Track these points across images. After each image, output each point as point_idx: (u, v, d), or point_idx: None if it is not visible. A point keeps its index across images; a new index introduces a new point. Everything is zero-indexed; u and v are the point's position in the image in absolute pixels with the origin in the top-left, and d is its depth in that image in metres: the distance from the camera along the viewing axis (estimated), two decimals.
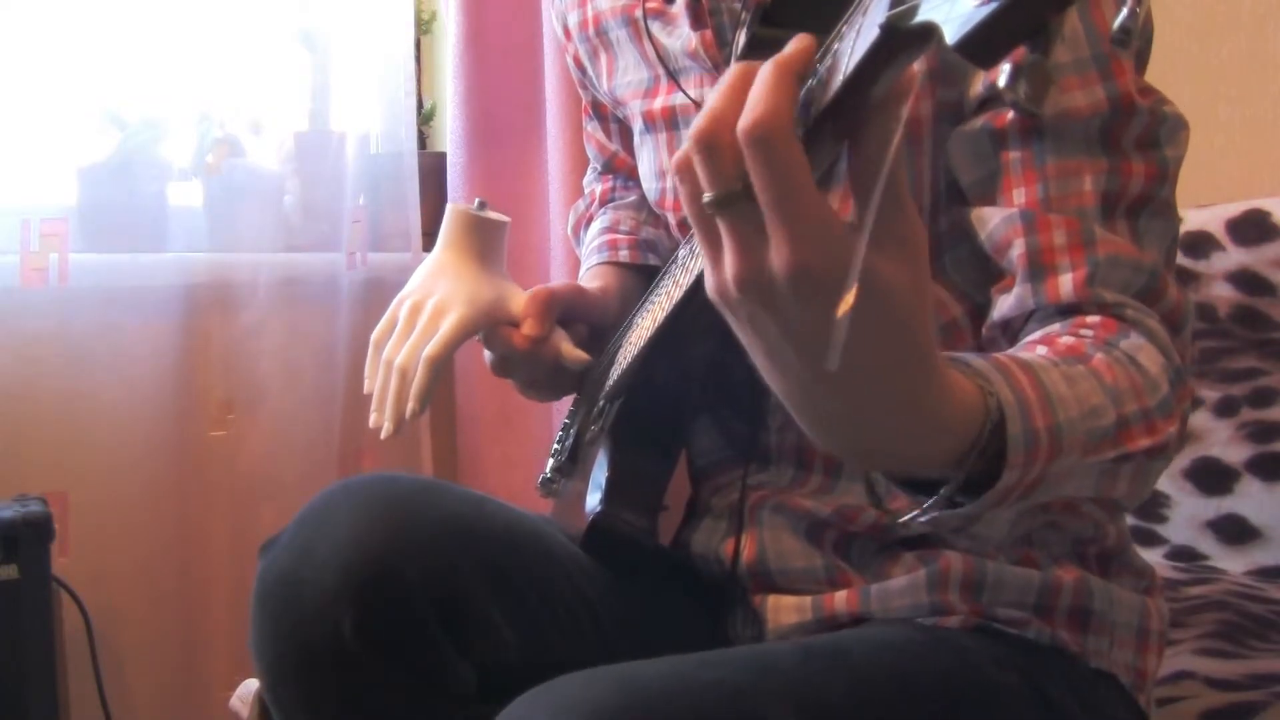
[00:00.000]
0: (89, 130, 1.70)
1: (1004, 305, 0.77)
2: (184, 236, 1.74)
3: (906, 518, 0.60)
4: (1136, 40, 0.77)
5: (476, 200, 1.04)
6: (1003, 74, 0.38)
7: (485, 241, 1.02)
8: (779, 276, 0.47)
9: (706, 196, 0.48)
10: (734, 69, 0.49)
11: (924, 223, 0.53)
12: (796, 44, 0.48)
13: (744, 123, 0.45)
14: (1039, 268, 0.75)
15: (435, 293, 0.98)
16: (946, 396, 0.54)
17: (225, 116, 1.79)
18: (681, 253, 0.89)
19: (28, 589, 1.36)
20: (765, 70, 0.47)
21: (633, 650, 0.88)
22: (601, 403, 0.98)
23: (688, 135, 0.49)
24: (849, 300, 0.43)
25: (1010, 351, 0.72)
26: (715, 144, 0.47)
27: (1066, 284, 0.73)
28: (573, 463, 1.03)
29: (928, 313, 0.50)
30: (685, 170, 0.50)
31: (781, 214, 0.46)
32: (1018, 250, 0.75)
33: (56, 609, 1.46)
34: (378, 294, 1.81)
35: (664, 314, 0.86)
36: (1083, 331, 0.71)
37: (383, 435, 0.95)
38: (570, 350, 0.98)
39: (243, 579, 1.65)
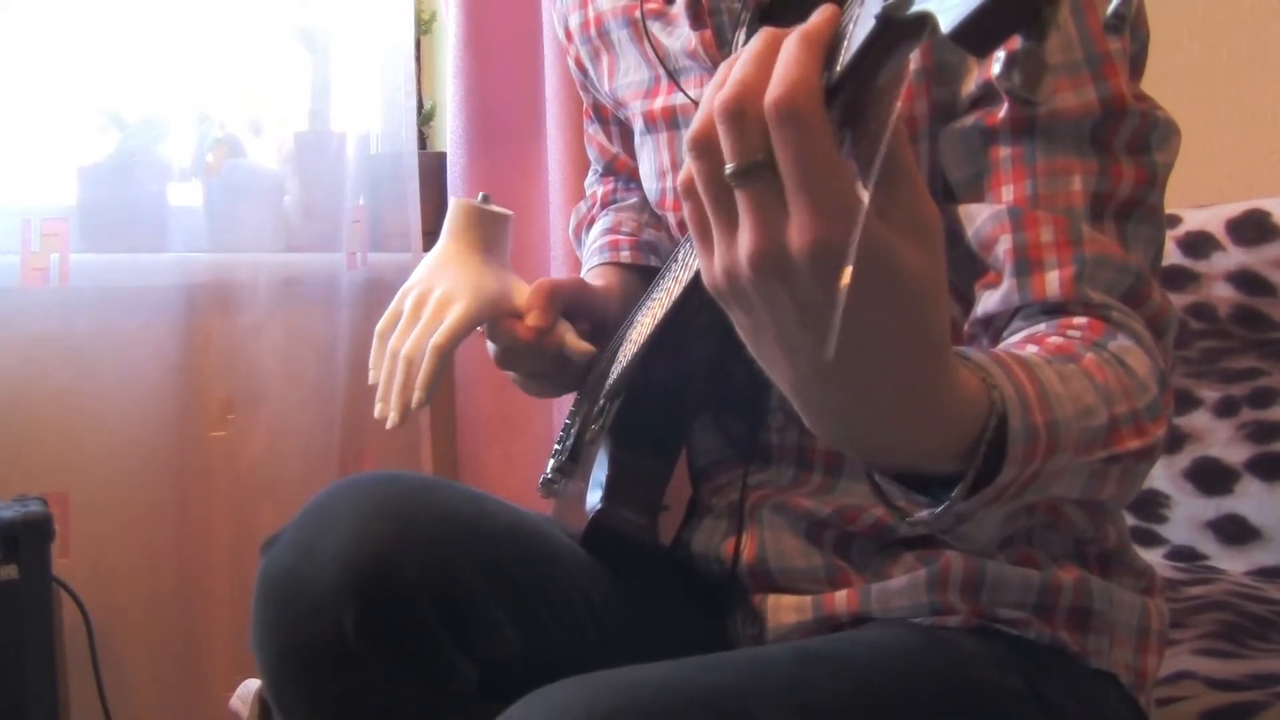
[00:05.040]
0: (89, 130, 1.70)
1: (989, 301, 0.76)
2: (184, 236, 1.74)
3: (919, 515, 0.58)
4: (1127, 32, 0.77)
5: (480, 195, 1.05)
6: (997, 63, 0.38)
7: (489, 234, 1.02)
8: (801, 250, 0.46)
9: (729, 167, 0.47)
10: (759, 36, 0.47)
11: None
12: (821, 15, 0.47)
13: (773, 95, 0.44)
14: (1026, 263, 0.74)
15: (440, 284, 0.98)
16: (955, 388, 0.54)
17: (225, 116, 1.79)
18: (681, 250, 0.89)
19: (28, 589, 1.36)
20: (791, 42, 0.45)
21: (633, 649, 0.88)
22: (602, 401, 0.98)
23: (710, 106, 0.47)
24: (848, 274, 0.43)
25: (1003, 346, 0.72)
26: (743, 112, 0.46)
27: (1053, 281, 0.73)
28: (574, 462, 1.03)
29: (943, 300, 0.49)
30: (702, 143, 0.48)
31: (808, 187, 0.45)
32: (1004, 246, 0.75)
33: (56, 609, 1.46)
34: (378, 294, 1.81)
35: (664, 310, 0.86)
36: (1070, 332, 0.71)
37: (388, 425, 0.94)
38: (575, 341, 0.98)
39: (243, 578, 1.66)
